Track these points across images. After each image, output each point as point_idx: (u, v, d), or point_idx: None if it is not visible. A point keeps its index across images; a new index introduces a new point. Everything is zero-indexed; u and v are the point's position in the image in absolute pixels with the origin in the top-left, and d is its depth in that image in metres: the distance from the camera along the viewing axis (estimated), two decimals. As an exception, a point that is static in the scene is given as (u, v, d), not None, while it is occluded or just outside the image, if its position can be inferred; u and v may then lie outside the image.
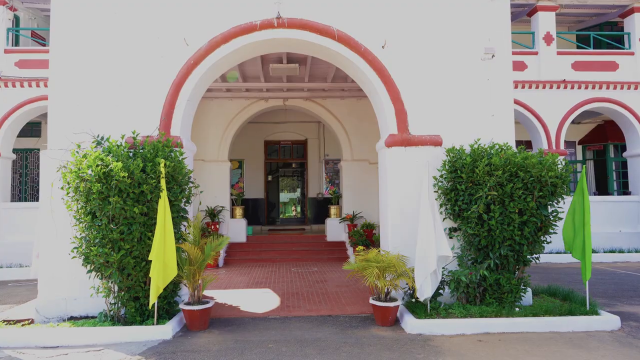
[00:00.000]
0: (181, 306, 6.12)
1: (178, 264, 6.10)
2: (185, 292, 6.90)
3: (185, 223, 6.52)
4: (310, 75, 11.83)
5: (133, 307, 6.06)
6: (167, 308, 6.30)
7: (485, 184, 6.22)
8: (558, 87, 14.02)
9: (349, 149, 13.99)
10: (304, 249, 13.15)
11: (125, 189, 5.69)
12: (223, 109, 13.62)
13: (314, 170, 17.26)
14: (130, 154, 6.16)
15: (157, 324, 5.94)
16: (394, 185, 7.04)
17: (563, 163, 6.56)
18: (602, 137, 16.89)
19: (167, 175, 6.07)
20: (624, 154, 14.87)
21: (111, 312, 6.12)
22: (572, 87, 14.18)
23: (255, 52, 7.71)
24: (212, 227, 12.93)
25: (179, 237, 6.32)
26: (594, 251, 12.85)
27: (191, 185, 6.60)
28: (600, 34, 14.76)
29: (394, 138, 7.06)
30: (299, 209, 21.15)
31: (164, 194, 5.82)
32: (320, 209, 16.57)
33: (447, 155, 6.89)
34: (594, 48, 14.84)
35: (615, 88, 13.99)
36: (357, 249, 12.46)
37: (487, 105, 7.20)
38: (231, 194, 14.12)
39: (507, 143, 6.79)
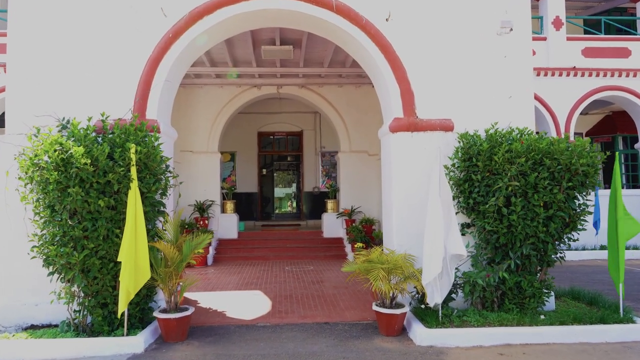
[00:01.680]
0: (156, 314, 5.30)
1: (152, 266, 5.29)
2: (162, 297, 6.08)
3: (161, 218, 5.69)
4: (306, 59, 11.00)
5: (100, 315, 5.25)
6: (140, 316, 5.49)
7: (505, 174, 5.43)
8: (568, 75, 13.26)
9: (346, 140, 13.18)
10: (299, 245, 12.36)
11: (88, 178, 4.87)
12: (213, 96, 12.78)
13: (310, 163, 16.43)
14: (99, 139, 5.34)
15: (127, 334, 5.13)
16: (399, 176, 6.24)
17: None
18: (610, 129, 16.17)
19: (139, 163, 5.24)
20: (636, 146, 14.16)
21: (75, 321, 5.30)
22: (583, 75, 13.42)
23: (243, 26, 6.87)
24: (201, 222, 12.12)
25: (154, 234, 5.50)
26: (605, 248, 12.15)
27: (169, 175, 5.77)
28: (611, 19, 14.00)
29: (399, 122, 6.25)
30: (294, 203, 20.36)
31: (134, 185, 5.00)
32: (316, 204, 15.77)
33: (459, 142, 6.10)
34: (603, 34, 14.06)
35: (627, 76, 13.23)
36: (355, 245, 11.77)
37: (504, 85, 6.40)
38: (222, 188, 13.29)
39: (527, 127, 6.00)
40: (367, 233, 11.89)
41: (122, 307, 4.91)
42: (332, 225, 12.95)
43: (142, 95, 6.04)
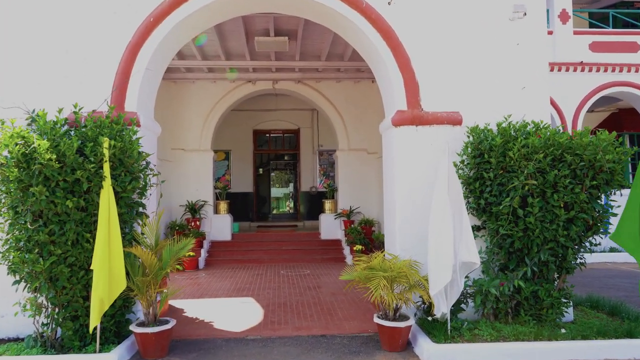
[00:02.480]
0: (132, 328, 4.75)
1: (129, 274, 4.75)
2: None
3: (141, 221, 5.14)
4: (302, 52, 10.45)
5: (71, 329, 4.69)
6: (116, 330, 4.93)
7: (521, 171, 4.90)
8: (575, 70, 12.75)
9: (345, 138, 12.64)
10: (295, 248, 11.81)
11: (53, 175, 4.31)
12: (205, 92, 12.22)
13: (307, 162, 15.88)
14: (71, 133, 4.80)
15: (100, 350, 4.58)
16: (402, 174, 5.70)
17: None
18: (616, 126, 15.63)
19: (113, 159, 4.69)
20: (644, 144, 13.68)
21: (43, 335, 4.75)
22: (590, 70, 12.91)
23: (234, 10, 6.30)
24: (193, 223, 11.57)
25: (131, 238, 4.94)
26: (614, 250, 11.63)
27: (149, 173, 5.22)
28: (618, 12, 13.50)
29: (402, 115, 5.71)
30: (291, 204, 19.81)
31: (106, 183, 4.45)
32: (313, 204, 15.22)
33: (468, 136, 5.57)
34: (610, 28, 13.55)
35: (637, 71, 12.72)
36: (355, 248, 11.21)
37: (517, 75, 5.87)
38: (215, 187, 12.74)
39: (542, 121, 5.47)
40: (366, 235, 11.35)
41: (95, 320, 4.37)
42: (330, 227, 12.41)
43: (120, 85, 5.49)
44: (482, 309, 5.13)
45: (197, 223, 11.65)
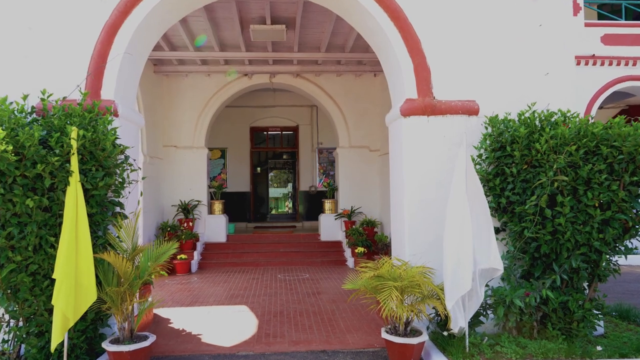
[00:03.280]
0: (105, 345, 4.14)
1: (101, 283, 4.15)
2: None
3: (116, 222, 4.52)
4: (301, 43, 9.84)
5: (35, 346, 4.10)
6: (88, 346, 4.33)
7: (550, 166, 4.30)
8: (586, 64, 12.15)
9: (346, 135, 12.02)
10: (293, 250, 11.19)
11: (10, 170, 3.71)
12: (199, 86, 11.59)
13: (306, 160, 15.26)
14: (38, 122, 4.20)
15: (68, 371, 3.99)
16: (412, 170, 5.10)
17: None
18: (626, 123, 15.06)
19: (82, 151, 4.10)
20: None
21: (5, 353, 4.15)
22: (602, 64, 12.33)
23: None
24: (186, 224, 10.95)
25: (104, 242, 4.34)
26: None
27: (127, 169, 4.61)
28: (631, 4, 12.92)
29: (412, 104, 5.11)
30: (290, 204, 19.24)
31: (73, 179, 3.84)
32: (313, 204, 14.61)
33: (486, 127, 4.98)
34: (623, 19, 12.97)
35: (651, 64, 12.14)
36: (356, 250, 10.60)
37: (539, 60, 5.28)
38: (210, 187, 12.14)
39: (569, 110, 4.88)
40: (368, 236, 10.74)
41: (57, 337, 3.76)
42: (330, 228, 11.80)
43: (95, 70, 4.88)
44: (504, 322, 4.53)
45: (190, 224, 11.03)
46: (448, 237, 4.14)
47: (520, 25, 5.29)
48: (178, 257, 9.88)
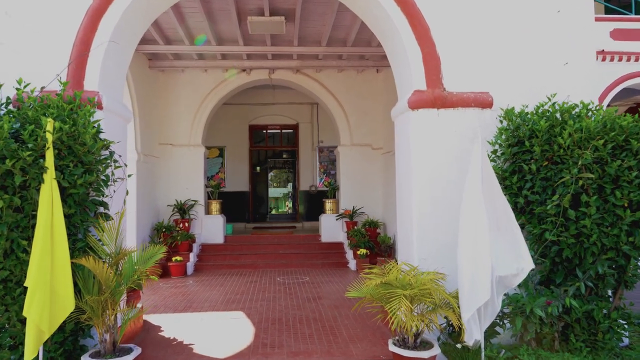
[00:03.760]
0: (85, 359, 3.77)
1: (80, 291, 3.77)
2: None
3: (98, 225, 4.14)
4: (301, 37, 9.45)
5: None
6: (66, 360, 3.96)
7: (574, 162, 3.92)
8: (596, 59, 11.77)
9: (347, 132, 11.63)
10: (293, 252, 10.81)
11: (-25, 166, 3.34)
12: (196, 82, 11.21)
13: (307, 159, 14.87)
14: (12, 115, 3.83)
15: (44, 388, 3.61)
16: (420, 167, 4.72)
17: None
18: (636, 121, 14.69)
19: (60, 146, 3.72)
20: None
21: (-25, 368, 3.78)
22: (612, 59, 11.94)
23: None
24: (182, 225, 10.57)
25: (83, 246, 3.95)
26: None
27: (110, 165, 4.23)
28: (642, -2, 12.51)
29: (421, 96, 4.73)
30: (290, 204, 18.85)
31: (48, 176, 3.46)
32: (313, 204, 14.21)
33: (501, 121, 4.60)
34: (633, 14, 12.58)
35: (663, 60, 11.75)
36: (358, 252, 10.20)
37: (557, 49, 4.90)
38: (207, 186, 11.76)
39: (592, 102, 4.50)
40: (371, 237, 10.36)
41: (31, 352, 3.37)
42: (331, 228, 11.41)
43: (77, 59, 4.51)
44: (523, 333, 4.15)
45: (187, 224, 10.64)
46: (463, 241, 3.75)
47: (536, 12, 4.92)
48: (173, 259, 9.51)
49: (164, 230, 10.21)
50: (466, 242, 3.70)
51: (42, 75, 4.42)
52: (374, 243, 10.23)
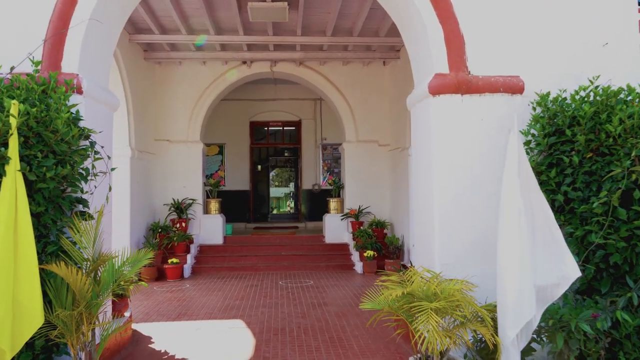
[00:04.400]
0: (56, 383, 3.24)
1: (50, 303, 3.24)
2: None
3: (73, 225, 3.60)
4: (304, 26, 8.92)
5: (-32, 383, 3.19)
6: (36, 382, 3.42)
7: (627, 153, 3.37)
8: None
9: (352, 128, 11.09)
10: (296, 253, 10.28)
11: None
12: (194, 74, 10.69)
13: (309, 157, 14.34)
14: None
15: (8, 417, 3.07)
16: (443, 159, 4.18)
17: None
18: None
19: (27, 132, 3.18)
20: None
21: None
22: (630, 52, 11.42)
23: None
24: (179, 225, 10.04)
25: (56, 250, 3.42)
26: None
27: (90, 156, 3.70)
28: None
29: (443, 80, 4.18)
30: (292, 203, 18.33)
31: (11, 168, 2.93)
32: (317, 203, 13.67)
33: (534, 108, 4.06)
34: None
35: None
36: (365, 254, 9.65)
37: (596, 27, 4.36)
38: (206, 184, 11.24)
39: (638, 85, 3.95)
40: (378, 238, 9.83)
41: (-10, 376, 2.86)
42: (335, 229, 10.88)
43: (54, 37, 3.98)
44: (564, 350, 3.60)
45: (184, 224, 10.12)
46: (505, 247, 3.20)
47: (572, -14, 4.37)
48: (169, 260, 8.99)
49: (160, 230, 9.69)
50: (507, 247, 3.16)
51: (12, 55, 3.89)
52: (382, 244, 9.70)
